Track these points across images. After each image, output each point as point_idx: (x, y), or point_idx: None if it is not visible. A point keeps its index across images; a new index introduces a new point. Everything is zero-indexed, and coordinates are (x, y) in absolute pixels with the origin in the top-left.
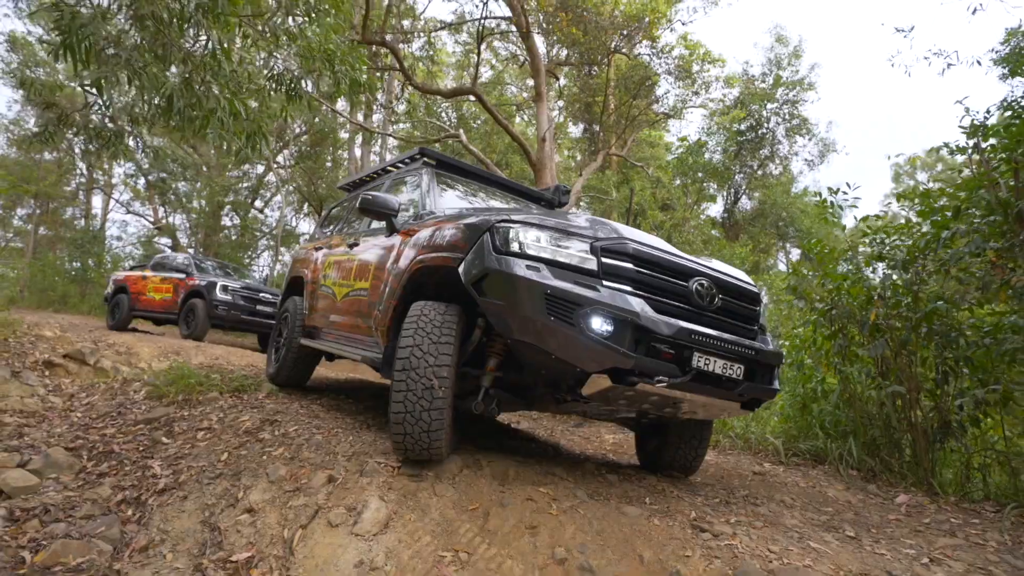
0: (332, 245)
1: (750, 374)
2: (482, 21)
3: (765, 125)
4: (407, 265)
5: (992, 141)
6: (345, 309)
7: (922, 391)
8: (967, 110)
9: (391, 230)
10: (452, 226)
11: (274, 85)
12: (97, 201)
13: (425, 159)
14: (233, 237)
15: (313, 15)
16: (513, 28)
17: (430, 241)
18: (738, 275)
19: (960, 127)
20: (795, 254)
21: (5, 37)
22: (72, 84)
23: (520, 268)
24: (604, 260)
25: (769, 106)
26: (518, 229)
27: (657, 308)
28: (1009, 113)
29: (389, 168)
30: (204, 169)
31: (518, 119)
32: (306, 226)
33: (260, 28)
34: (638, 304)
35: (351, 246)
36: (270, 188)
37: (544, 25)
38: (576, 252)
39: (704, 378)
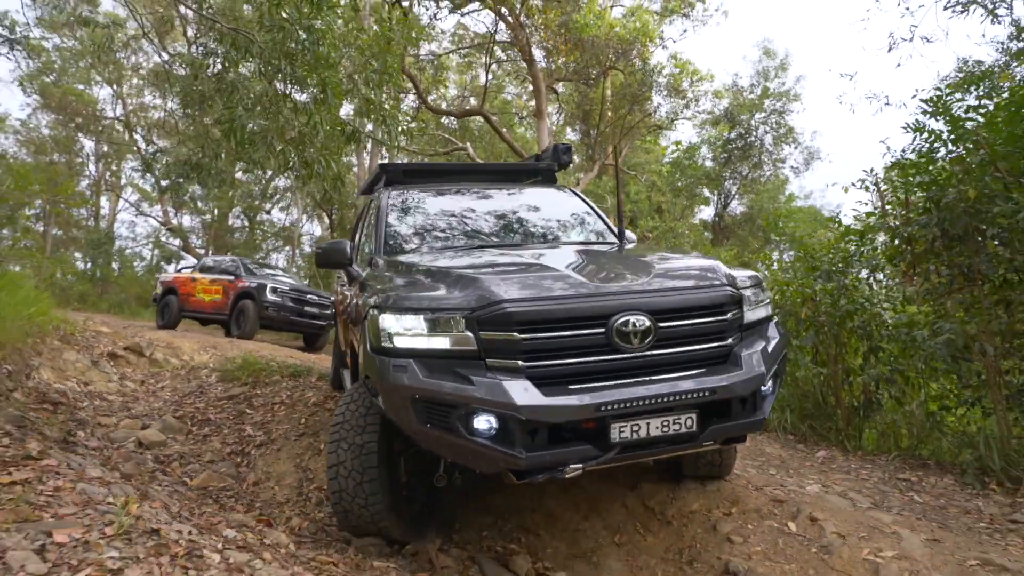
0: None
1: (710, 417)
2: (489, 55)
3: (754, 133)
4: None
5: (894, 175)
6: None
7: (851, 373)
8: (888, 148)
9: (350, 279)
10: (354, 303)
11: (341, 133)
12: (102, 200)
13: (389, 174)
14: (238, 236)
15: (374, 79)
16: (518, 54)
17: (347, 317)
18: (697, 276)
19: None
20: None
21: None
22: (80, 87)
23: (388, 371)
24: (483, 335)
25: (757, 116)
26: (387, 316)
27: (565, 375)
28: (913, 155)
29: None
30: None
31: (520, 129)
32: (318, 229)
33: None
34: (519, 391)
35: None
36: (276, 190)
37: (547, 46)
38: (452, 333)
39: (640, 443)
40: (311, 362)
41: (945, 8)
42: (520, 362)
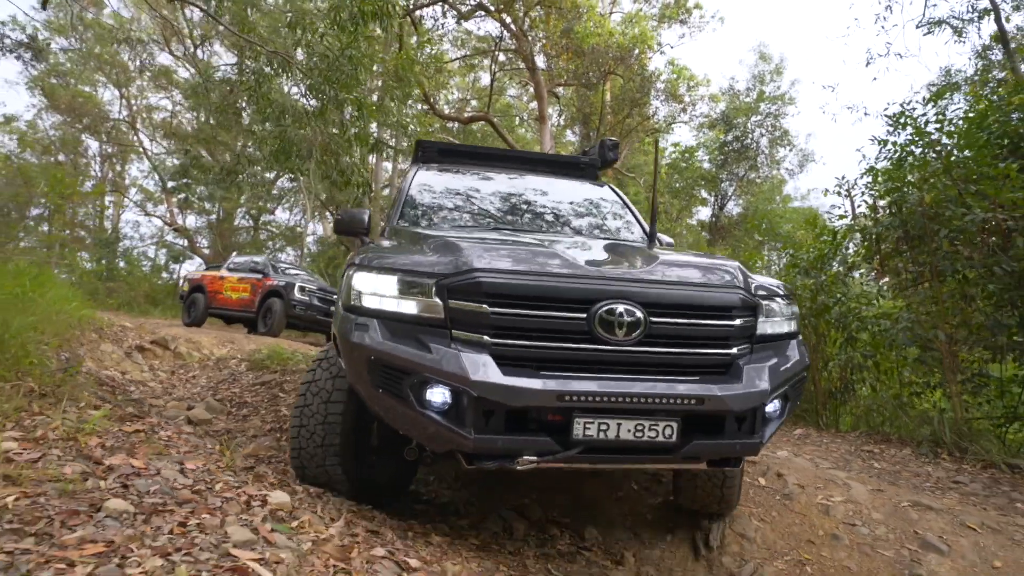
0: None
1: (692, 429)
2: (494, 62)
3: (749, 136)
4: None
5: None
6: None
7: (830, 361)
8: (864, 156)
9: None
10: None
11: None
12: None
13: (425, 151)
14: (244, 237)
15: (398, 96)
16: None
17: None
18: (698, 276)
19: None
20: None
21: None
22: (86, 88)
23: (351, 328)
24: (452, 303)
25: (753, 119)
26: (360, 275)
27: (523, 362)
28: (886, 162)
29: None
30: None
31: (520, 130)
32: (320, 229)
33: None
34: (476, 366)
35: None
36: (283, 191)
37: (549, 53)
38: (420, 299)
39: (609, 446)
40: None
41: (917, 27)
42: (486, 337)
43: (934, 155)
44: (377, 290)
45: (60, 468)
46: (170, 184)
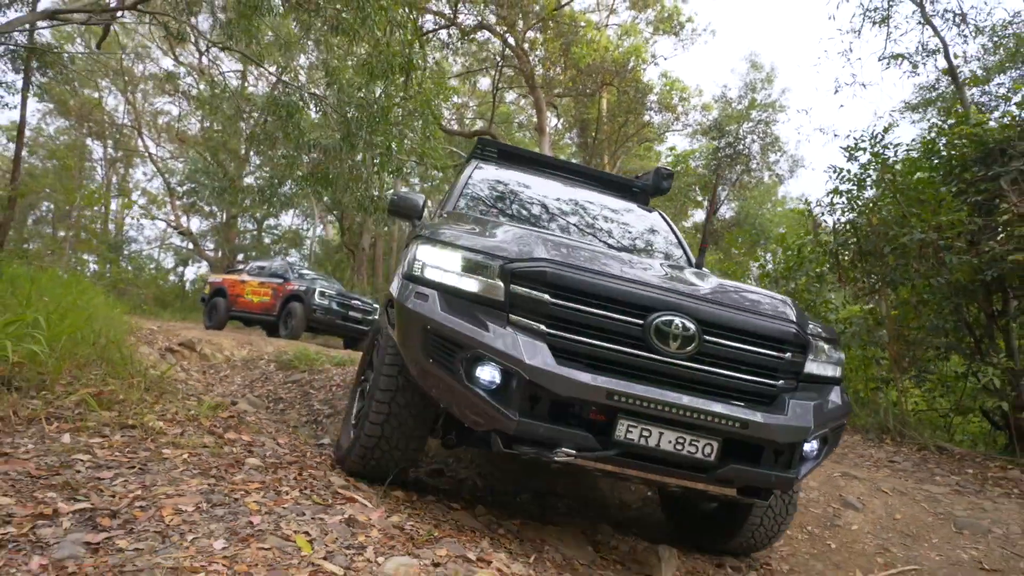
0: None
1: (730, 453)
2: (497, 81)
3: (742, 142)
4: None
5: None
6: None
7: None
8: (830, 176)
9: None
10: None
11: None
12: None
13: (485, 149)
14: (249, 240)
15: (418, 127)
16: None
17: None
18: (756, 304)
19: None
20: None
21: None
22: (87, 91)
23: (409, 297)
24: (514, 288)
25: (745, 126)
26: (426, 248)
27: (575, 357)
28: (848, 183)
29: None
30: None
31: (519, 134)
32: (323, 232)
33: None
34: (534, 351)
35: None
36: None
37: (548, 71)
38: (482, 279)
39: (646, 453)
40: (350, 356)
41: (879, 60)
42: (543, 326)
43: (889, 178)
44: (441, 264)
45: (199, 439)
46: (179, 189)
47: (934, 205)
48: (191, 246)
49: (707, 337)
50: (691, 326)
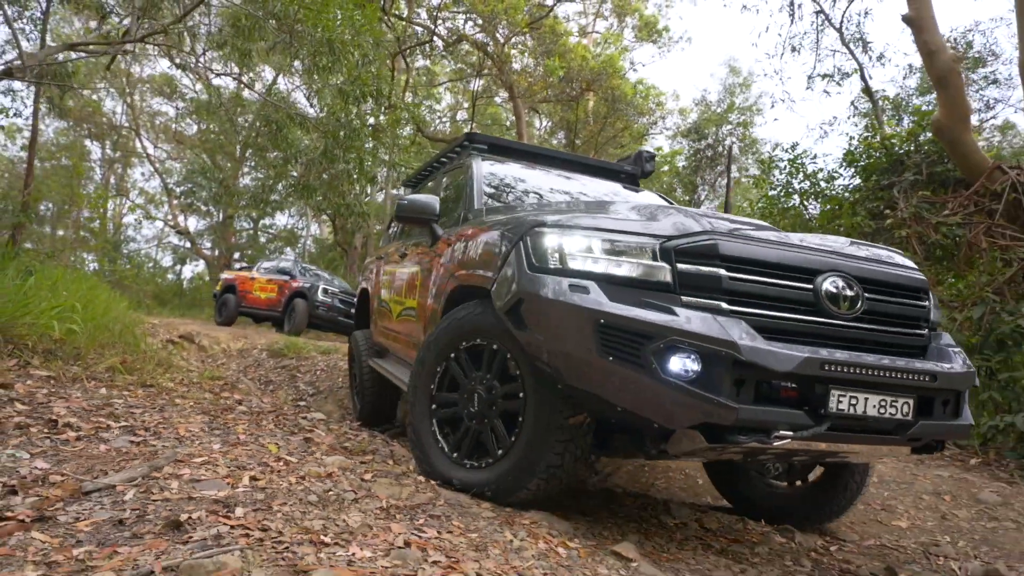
0: (388, 255)
1: (924, 409)
2: (476, 87)
3: (721, 144)
4: (443, 285)
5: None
6: (401, 329)
7: None
8: (754, 181)
9: (433, 239)
10: (485, 235)
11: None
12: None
13: (474, 145)
14: (246, 239)
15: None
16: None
17: (464, 255)
18: (890, 257)
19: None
20: None
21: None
22: (93, 97)
23: (563, 290)
24: (681, 267)
25: (724, 128)
26: (558, 235)
27: (767, 329)
28: (774, 191)
29: (443, 159)
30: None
31: (510, 136)
32: (317, 231)
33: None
34: (737, 329)
35: (402, 256)
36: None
37: (527, 80)
38: (640, 260)
39: (850, 423)
40: (335, 346)
41: (809, 77)
42: (723, 303)
43: (807, 186)
44: (591, 251)
45: (201, 395)
46: (176, 189)
47: (839, 211)
48: (189, 245)
49: (867, 295)
50: (853, 285)
